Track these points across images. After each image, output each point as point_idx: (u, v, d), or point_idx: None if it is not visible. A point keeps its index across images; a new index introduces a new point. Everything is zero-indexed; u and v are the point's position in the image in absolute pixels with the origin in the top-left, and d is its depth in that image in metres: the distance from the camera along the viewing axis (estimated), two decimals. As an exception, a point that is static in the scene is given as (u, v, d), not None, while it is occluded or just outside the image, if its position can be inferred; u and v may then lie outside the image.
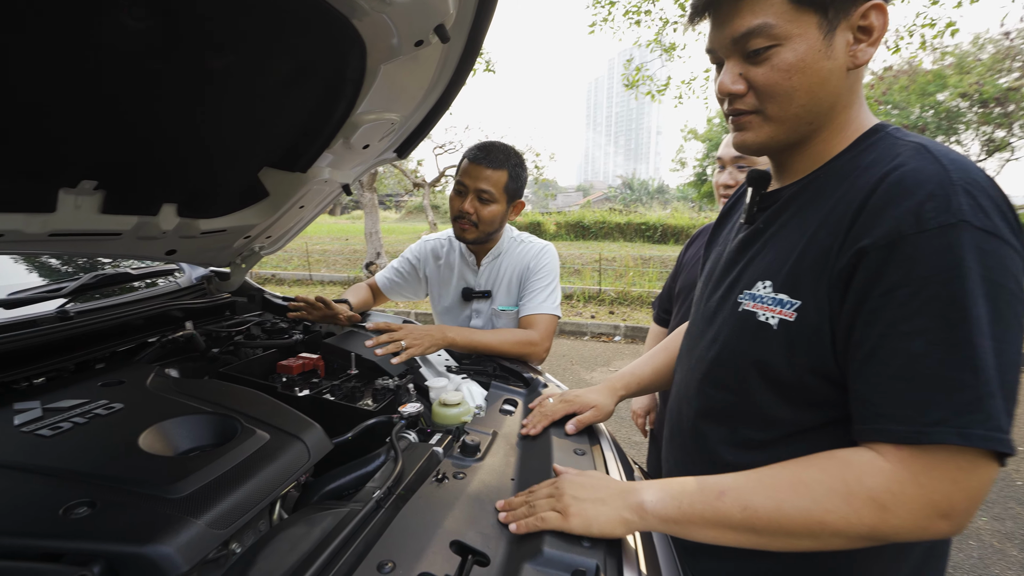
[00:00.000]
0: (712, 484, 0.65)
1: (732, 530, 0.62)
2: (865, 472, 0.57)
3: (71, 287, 1.19)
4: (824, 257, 0.65)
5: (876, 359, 0.59)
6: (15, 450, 0.69)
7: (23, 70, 0.69)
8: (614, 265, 10.36)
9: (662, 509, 0.66)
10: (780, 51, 0.65)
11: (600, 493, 0.70)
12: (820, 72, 0.66)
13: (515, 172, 1.52)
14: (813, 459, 0.62)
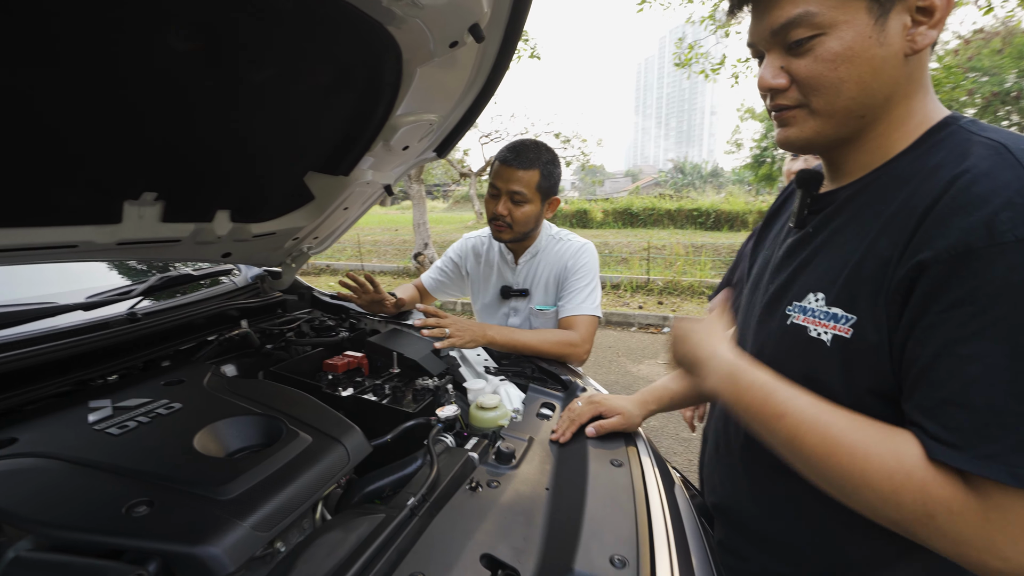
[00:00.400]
0: (775, 404, 0.63)
1: (772, 440, 0.64)
2: (929, 484, 0.53)
3: (140, 289, 1.29)
4: (883, 269, 0.59)
5: (928, 380, 0.54)
6: (88, 447, 0.76)
7: (89, 97, 0.74)
8: (663, 253, 10.05)
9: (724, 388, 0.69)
10: (824, 40, 0.60)
11: None
12: (871, 61, 0.59)
13: (547, 170, 1.49)
14: (883, 439, 0.57)
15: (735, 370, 0.68)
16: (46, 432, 0.79)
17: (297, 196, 1.37)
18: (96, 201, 0.94)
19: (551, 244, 1.65)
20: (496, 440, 0.99)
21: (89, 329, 1.07)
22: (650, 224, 15.67)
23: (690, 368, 0.76)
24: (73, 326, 1.07)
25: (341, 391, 1.17)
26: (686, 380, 1.06)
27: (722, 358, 0.70)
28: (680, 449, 3.37)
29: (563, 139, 15.94)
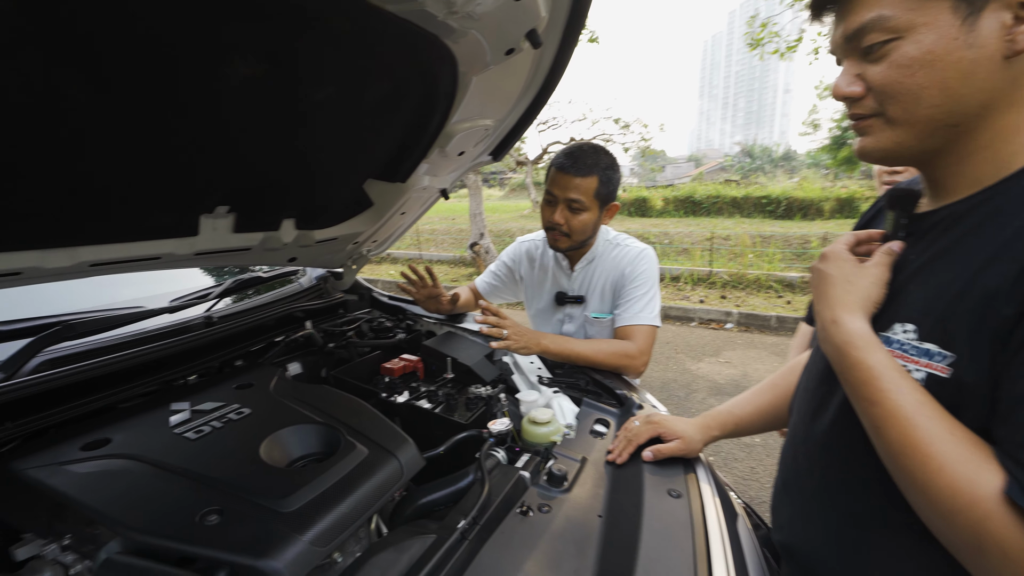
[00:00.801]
0: (874, 390, 0.58)
1: (862, 421, 0.60)
2: (991, 518, 0.48)
3: (216, 292, 1.38)
4: (988, 302, 0.51)
5: (1015, 420, 0.49)
6: (168, 451, 0.82)
7: (168, 125, 0.79)
8: (728, 244, 9.56)
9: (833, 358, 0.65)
10: (900, 45, 0.55)
11: None
12: (958, 64, 0.53)
13: (605, 176, 1.44)
14: (967, 459, 0.51)
15: (848, 343, 0.62)
16: (134, 433, 0.86)
17: (357, 203, 1.41)
18: (177, 217, 1.01)
19: (608, 250, 1.59)
20: (548, 458, 0.97)
21: (172, 333, 1.16)
22: (714, 212, 14.90)
23: (816, 316, 0.70)
24: (159, 329, 1.16)
25: (397, 397, 1.20)
26: (757, 402, 0.99)
27: (842, 326, 0.63)
28: (741, 455, 3.22)
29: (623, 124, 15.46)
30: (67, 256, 0.88)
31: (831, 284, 0.67)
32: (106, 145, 0.77)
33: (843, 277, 0.67)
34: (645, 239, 10.06)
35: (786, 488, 0.81)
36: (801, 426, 0.78)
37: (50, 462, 0.76)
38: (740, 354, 5.16)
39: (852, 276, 0.66)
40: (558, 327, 1.66)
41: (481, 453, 0.94)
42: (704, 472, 0.94)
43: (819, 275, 0.70)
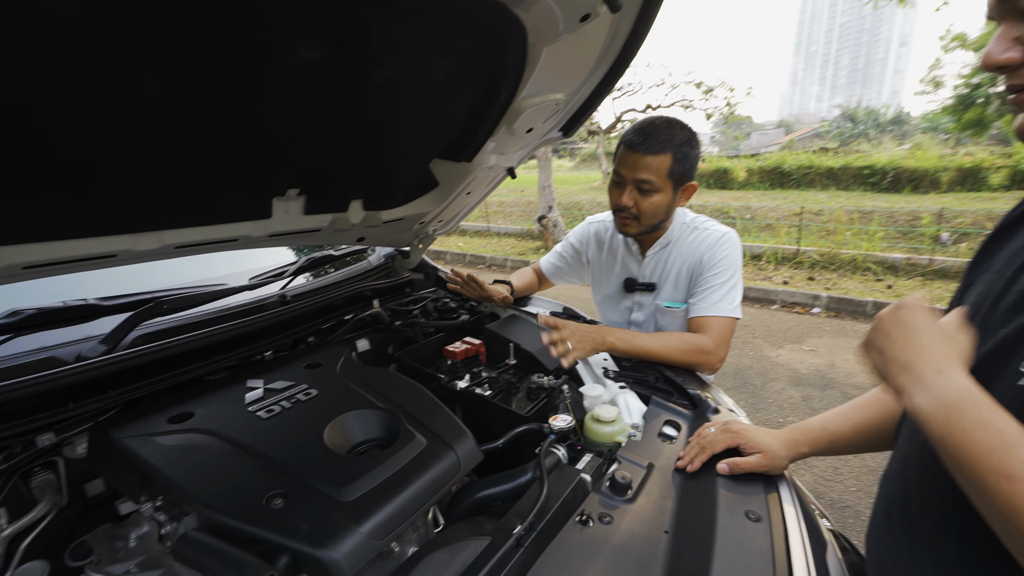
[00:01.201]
0: (1009, 461, 0.46)
1: (981, 499, 0.50)
2: None
3: (292, 270, 1.43)
4: None
5: None
6: (242, 429, 0.86)
7: (240, 112, 0.79)
8: (819, 220, 8.70)
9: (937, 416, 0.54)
10: None
11: None
12: None
13: (681, 153, 1.29)
14: None
15: (964, 400, 0.51)
16: (213, 409, 0.91)
17: (423, 183, 1.39)
18: (251, 200, 1.04)
19: (685, 234, 1.46)
20: (612, 461, 0.92)
21: (250, 311, 1.22)
22: (805, 185, 13.56)
23: (894, 371, 0.58)
24: (238, 307, 1.23)
25: (457, 383, 1.19)
26: (857, 417, 0.86)
27: (951, 379, 0.53)
28: (836, 463, 2.97)
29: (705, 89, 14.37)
30: (155, 239, 0.93)
31: (922, 333, 0.58)
32: (182, 135, 0.78)
33: (934, 328, 0.58)
34: (724, 214, 9.42)
35: (890, 523, 0.70)
36: (914, 455, 0.67)
37: (141, 433, 0.83)
38: (827, 342, 4.74)
39: (944, 328, 0.58)
40: (626, 315, 1.57)
41: (541, 450, 0.91)
42: (788, 492, 0.84)
43: (901, 325, 0.60)
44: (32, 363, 0.91)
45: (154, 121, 0.73)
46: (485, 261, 8.75)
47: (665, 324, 1.49)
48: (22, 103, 0.60)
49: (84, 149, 0.71)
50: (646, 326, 1.53)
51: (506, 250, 9.14)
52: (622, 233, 1.44)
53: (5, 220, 0.75)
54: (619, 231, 1.44)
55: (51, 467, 0.92)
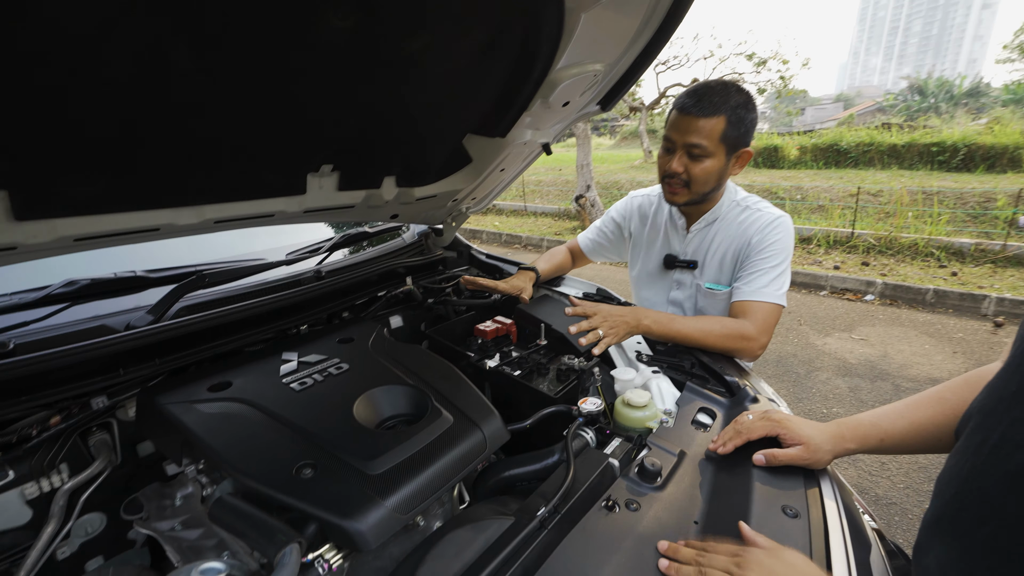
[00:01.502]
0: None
1: None
2: None
3: (327, 246, 1.46)
4: None
5: None
6: (276, 400, 0.88)
7: (273, 87, 0.79)
8: (877, 201, 8.15)
9: None
10: None
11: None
12: None
13: (736, 116, 1.22)
14: None
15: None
16: (250, 379, 0.94)
17: (456, 160, 1.37)
18: (287, 176, 1.05)
19: (735, 212, 1.38)
20: (641, 447, 0.90)
21: (287, 286, 1.25)
22: (863, 163, 12.69)
23: None
24: (275, 281, 1.26)
25: (487, 362, 1.18)
26: (914, 416, 0.80)
27: None
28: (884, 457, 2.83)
29: (757, 62, 13.57)
30: (195, 214, 0.95)
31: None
32: (217, 110, 0.79)
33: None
34: (772, 195, 8.97)
35: (940, 529, 0.65)
36: (974, 457, 0.61)
37: (183, 400, 0.86)
38: (880, 331, 4.48)
39: (789, 564, 0.59)
40: (665, 294, 1.51)
41: (569, 432, 0.90)
42: (830, 488, 0.79)
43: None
44: (86, 330, 0.97)
45: (189, 97, 0.74)
46: (521, 241, 8.72)
47: (705, 306, 1.43)
48: (67, 82, 0.61)
49: (125, 126, 0.73)
50: (686, 306, 1.48)
51: (542, 230, 9.06)
52: (670, 203, 1.38)
53: (57, 194, 0.78)
54: (667, 200, 1.37)
55: (106, 428, 0.98)
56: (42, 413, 0.90)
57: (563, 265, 1.72)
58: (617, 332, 1.18)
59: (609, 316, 1.20)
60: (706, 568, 0.61)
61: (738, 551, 0.63)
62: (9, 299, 0.96)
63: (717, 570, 0.61)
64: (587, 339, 1.14)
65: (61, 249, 0.85)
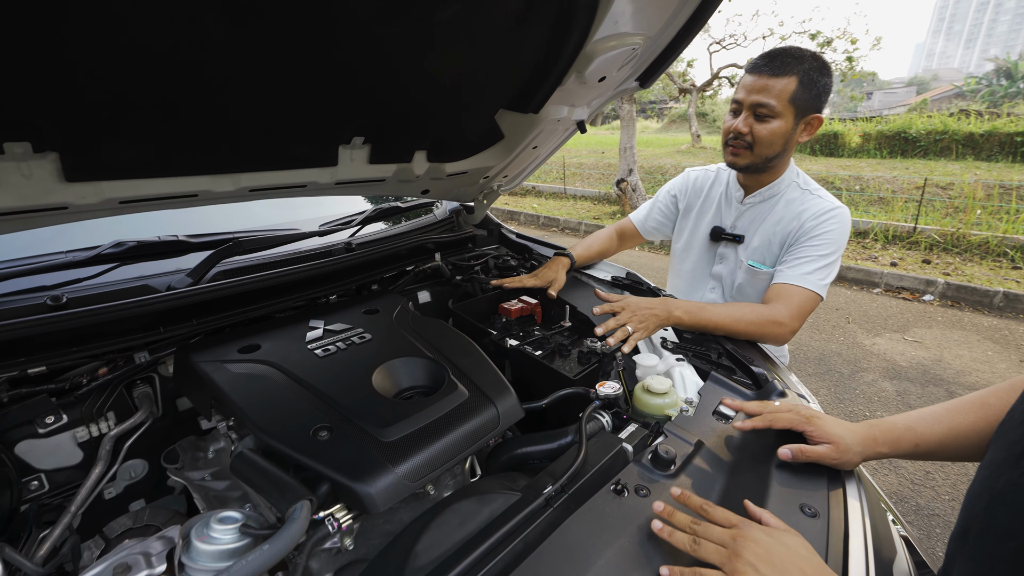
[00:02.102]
0: None
1: None
2: None
3: (359, 219, 1.48)
4: None
5: None
6: (300, 364, 0.91)
7: (306, 58, 0.80)
8: (947, 194, 7.56)
9: None
10: None
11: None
12: None
13: (808, 78, 1.17)
14: None
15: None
16: (277, 343, 0.97)
17: (488, 136, 1.35)
18: (318, 147, 1.06)
19: (793, 193, 1.32)
20: (658, 434, 0.88)
21: (319, 256, 1.28)
22: (935, 153, 11.75)
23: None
24: (307, 251, 1.29)
25: (509, 341, 1.18)
26: (954, 421, 0.74)
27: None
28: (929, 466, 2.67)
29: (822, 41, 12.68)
30: (231, 181, 0.99)
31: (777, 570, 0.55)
32: (252, 80, 0.80)
33: (778, 554, 0.57)
34: (828, 184, 8.47)
35: (966, 543, 0.61)
36: (1006, 468, 0.56)
37: (215, 359, 0.91)
38: (937, 334, 4.20)
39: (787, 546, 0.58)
40: (706, 267, 1.48)
41: (584, 414, 0.89)
42: (856, 490, 0.75)
43: (751, 557, 0.57)
44: (131, 289, 1.03)
45: (225, 68, 0.76)
46: (559, 224, 8.63)
47: (744, 283, 1.39)
48: (112, 51, 0.63)
49: (166, 95, 0.76)
50: (726, 282, 1.45)
51: (581, 213, 8.93)
52: (732, 166, 1.34)
53: (103, 158, 0.82)
54: (729, 164, 1.34)
55: (148, 382, 1.05)
56: (91, 364, 0.97)
57: (605, 250, 1.68)
58: (647, 326, 1.14)
59: (638, 310, 1.17)
60: (700, 539, 0.60)
61: (736, 522, 0.61)
62: (65, 256, 1.03)
63: (711, 542, 0.59)
64: (615, 338, 1.11)
65: (108, 211, 0.90)
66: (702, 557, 0.59)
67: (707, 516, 0.64)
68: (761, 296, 1.36)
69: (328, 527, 0.65)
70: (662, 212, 1.65)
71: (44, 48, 0.59)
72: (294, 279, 1.19)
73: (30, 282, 0.97)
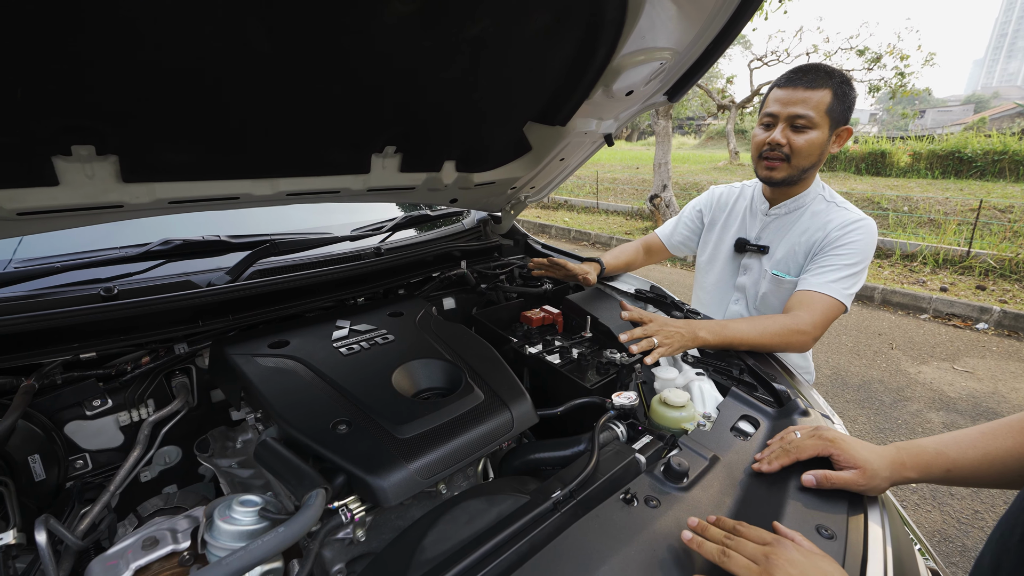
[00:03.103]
0: None
1: None
2: None
3: (389, 226, 1.53)
4: None
5: None
6: (324, 361, 0.95)
7: (341, 69, 0.85)
8: (1005, 218, 7.14)
9: None
10: None
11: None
12: None
13: (841, 91, 1.20)
14: None
15: None
16: (305, 341, 1.02)
17: (515, 147, 1.38)
18: (352, 155, 1.12)
19: (819, 205, 1.33)
20: (673, 447, 0.87)
21: (349, 259, 1.33)
22: (992, 175, 11.13)
23: None
24: (339, 255, 1.35)
25: (528, 348, 1.19)
26: (989, 446, 0.70)
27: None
28: (964, 491, 2.51)
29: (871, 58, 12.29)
30: (270, 186, 1.05)
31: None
32: (292, 92, 0.86)
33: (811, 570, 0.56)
34: (874, 204, 8.14)
35: (997, 569, 0.57)
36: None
37: (246, 353, 0.95)
38: (991, 364, 3.94)
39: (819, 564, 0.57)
40: (730, 279, 1.47)
41: (599, 423, 0.89)
42: (878, 515, 0.72)
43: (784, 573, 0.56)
44: (175, 283, 1.09)
45: (268, 79, 0.81)
46: (590, 238, 8.60)
47: (768, 293, 1.37)
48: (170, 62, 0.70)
49: (215, 102, 0.82)
50: (749, 293, 1.45)
51: (613, 228, 8.88)
52: (767, 180, 1.34)
53: (157, 161, 0.89)
54: (763, 179, 1.35)
55: (186, 373, 1.11)
56: (136, 352, 1.04)
57: (632, 261, 1.70)
58: (671, 344, 1.13)
59: (665, 326, 1.16)
60: (731, 551, 0.59)
61: (770, 540, 0.60)
62: (118, 252, 1.11)
63: (743, 556, 0.58)
64: (640, 347, 1.10)
65: (157, 210, 0.97)
66: (731, 570, 0.58)
67: (740, 534, 0.63)
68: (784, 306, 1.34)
69: (342, 517, 0.68)
70: (688, 227, 1.66)
71: (113, 62, 0.66)
72: (325, 280, 1.24)
73: (86, 275, 1.05)
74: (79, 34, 0.60)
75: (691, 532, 0.64)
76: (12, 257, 1.10)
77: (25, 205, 0.81)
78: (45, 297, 0.97)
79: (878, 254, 6.69)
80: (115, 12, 0.60)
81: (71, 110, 0.71)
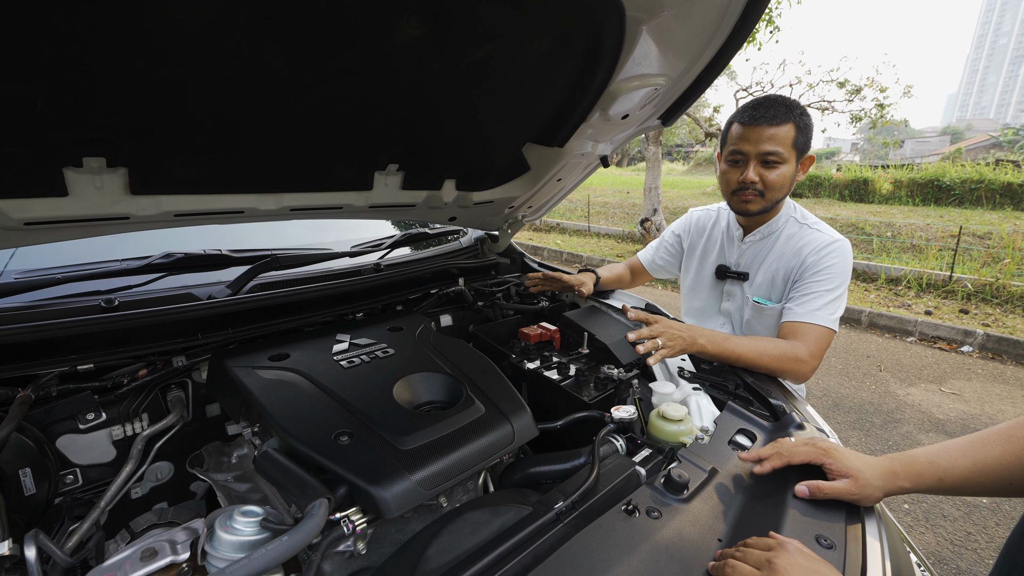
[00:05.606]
0: None
1: None
2: None
3: (388, 243, 1.55)
4: None
5: None
6: (325, 374, 0.95)
7: (346, 86, 0.88)
8: (984, 244, 7.34)
9: None
10: None
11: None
12: None
13: (802, 123, 1.25)
14: None
15: None
16: (305, 354, 1.02)
17: (514, 167, 1.42)
18: (356, 172, 1.14)
19: (792, 228, 1.35)
20: (672, 460, 0.88)
21: (348, 275, 1.34)
22: (970, 202, 11.47)
23: None
24: (338, 270, 1.36)
25: (527, 363, 1.20)
26: (979, 455, 0.72)
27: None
28: (956, 513, 2.53)
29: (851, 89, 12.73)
30: (274, 200, 1.06)
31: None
32: (301, 109, 0.88)
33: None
34: (858, 230, 8.33)
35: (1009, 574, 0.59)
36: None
37: (247, 365, 0.95)
38: (977, 387, 4.00)
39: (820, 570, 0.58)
40: (714, 304, 1.49)
41: (599, 436, 0.89)
42: (875, 526, 0.73)
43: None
44: (175, 296, 1.10)
45: (278, 97, 0.84)
46: (582, 260, 8.67)
47: (751, 320, 1.39)
48: (183, 78, 0.72)
49: (225, 118, 0.84)
50: (734, 318, 1.46)
51: (604, 251, 8.97)
52: (742, 212, 1.37)
53: (165, 174, 0.90)
54: (739, 211, 1.38)
55: (182, 387, 1.10)
56: (134, 365, 1.03)
57: (622, 278, 1.73)
58: (674, 346, 1.15)
59: (668, 329, 1.18)
60: (736, 562, 0.60)
61: (773, 545, 0.61)
62: (120, 264, 1.11)
63: (747, 565, 0.59)
64: (645, 347, 1.12)
65: (163, 223, 0.98)
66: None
67: (748, 546, 0.64)
68: (768, 332, 1.36)
69: (343, 528, 0.67)
70: (668, 251, 1.69)
71: (132, 78, 0.68)
72: (325, 295, 1.25)
73: (88, 286, 1.05)
74: (101, 50, 0.63)
75: (712, 561, 0.65)
76: (3, 269, 1.09)
77: (32, 215, 0.81)
78: (45, 308, 0.97)
79: (864, 278, 6.82)
80: (138, 29, 0.62)
81: (87, 123, 0.73)
